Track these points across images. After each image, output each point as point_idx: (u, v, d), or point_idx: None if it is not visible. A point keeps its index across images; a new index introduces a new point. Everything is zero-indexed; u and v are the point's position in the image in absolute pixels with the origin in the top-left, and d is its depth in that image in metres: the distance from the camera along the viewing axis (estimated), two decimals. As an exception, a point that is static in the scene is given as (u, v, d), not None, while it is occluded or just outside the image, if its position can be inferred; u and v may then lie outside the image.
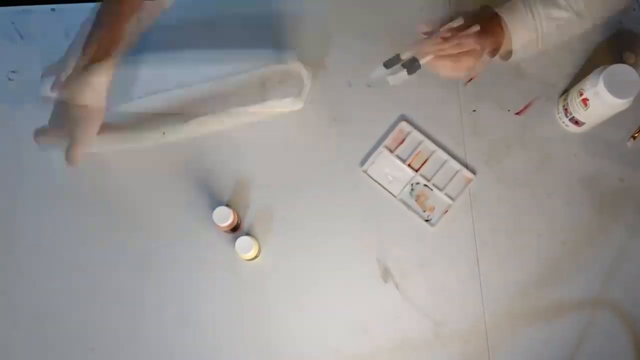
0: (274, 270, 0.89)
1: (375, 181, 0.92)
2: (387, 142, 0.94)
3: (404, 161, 0.93)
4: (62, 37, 0.96)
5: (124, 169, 0.92)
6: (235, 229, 0.88)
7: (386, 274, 0.89)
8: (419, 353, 0.87)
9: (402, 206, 0.91)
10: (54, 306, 0.89)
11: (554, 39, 0.86)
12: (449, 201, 0.91)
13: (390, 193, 0.92)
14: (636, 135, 0.94)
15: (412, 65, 0.82)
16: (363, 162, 0.93)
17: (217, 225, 0.85)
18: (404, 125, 0.94)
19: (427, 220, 0.91)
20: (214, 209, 0.84)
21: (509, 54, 0.88)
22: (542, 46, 0.87)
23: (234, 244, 0.84)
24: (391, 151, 0.93)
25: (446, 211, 0.91)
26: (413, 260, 0.90)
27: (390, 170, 0.93)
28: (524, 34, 0.85)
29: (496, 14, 0.85)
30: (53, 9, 0.97)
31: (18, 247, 0.90)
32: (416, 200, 0.92)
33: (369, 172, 0.92)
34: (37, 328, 0.88)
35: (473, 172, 0.92)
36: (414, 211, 0.91)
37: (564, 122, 0.93)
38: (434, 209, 0.92)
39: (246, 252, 0.85)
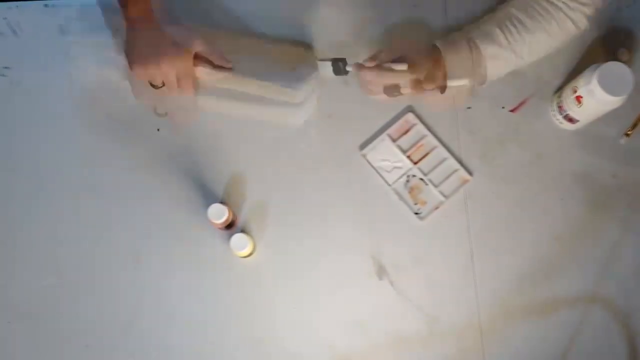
0: (269, 268, 0.89)
1: (372, 166, 0.92)
2: (390, 130, 0.94)
3: (404, 152, 0.93)
4: (56, 32, 0.95)
5: (117, 166, 0.92)
6: (230, 226, 0.88)
7: (381, 271, 0.89)
8: (413, 349, 0.87)
9: (394, 195, 0.92)
10: (47, 303, 0.88)
11: (491, 75, 0.87)
12: (442, 198, 0.92)
13: (385, 181, 0.92)
14: (629, 132, 0.94)
15: (337, 67, 0.90)
16: (363, 147, 0.93)
17: (212, 222, 0.84)
18: (410, 116, 0.94)
19: (416, 213, 0.91)
20: (208, 205, 0.84)
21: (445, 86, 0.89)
22: (479, 84, 0.89)
23: (229, 241, 0.84)
24: (393, 140, 0.93)
25: (437, 207, 0.91)
26: (407, 257, 0.90)
27: (389, 159, 0.93)
28: (462, 72, 0.86)
29: (439, 51, 0.86)
30: (46, 5, 0.97)
31: (11, 244, 0.90)
32: (409, 192, 0.92)
33: (367, 157, 0.92)
34: (31, 325, 0.88)
35: (469, 172, 0.92)
36: (405, 202, 0.91)
37: (558, 120, 0.94)
38: (425, 203, 0.92)
39: (241, 249, 0.85)
